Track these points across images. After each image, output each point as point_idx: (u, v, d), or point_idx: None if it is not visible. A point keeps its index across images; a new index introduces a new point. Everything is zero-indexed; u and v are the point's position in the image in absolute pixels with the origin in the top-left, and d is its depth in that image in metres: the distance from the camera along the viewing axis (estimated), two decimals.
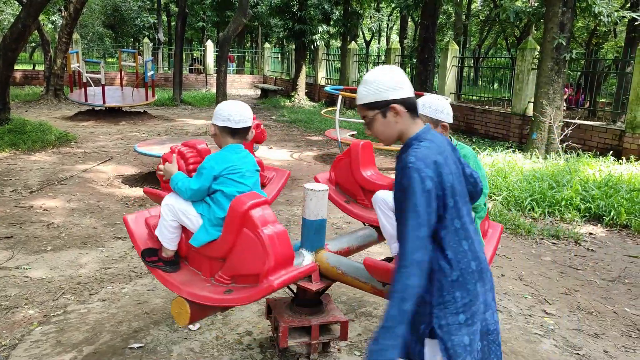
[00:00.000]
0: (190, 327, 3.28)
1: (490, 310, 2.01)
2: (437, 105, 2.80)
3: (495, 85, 27.43)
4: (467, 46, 30.40)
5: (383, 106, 1.91)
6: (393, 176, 3.36)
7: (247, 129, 2.71)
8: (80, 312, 3.57)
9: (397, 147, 9.65)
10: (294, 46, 20.75)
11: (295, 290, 3.06)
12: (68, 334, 3.24)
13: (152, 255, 2.73)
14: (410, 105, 1.93)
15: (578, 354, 3.43)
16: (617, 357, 3.45)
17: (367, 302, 3.82)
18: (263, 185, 4.05)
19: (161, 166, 2.82)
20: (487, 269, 2.02)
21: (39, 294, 3.92)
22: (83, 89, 13.89)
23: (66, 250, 4.89)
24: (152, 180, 7.60)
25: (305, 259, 2.86)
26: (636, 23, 12.31)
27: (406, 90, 1.92)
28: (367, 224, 3.64)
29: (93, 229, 5.53)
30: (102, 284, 4.13)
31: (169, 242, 2.68)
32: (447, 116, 2.83)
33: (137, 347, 3.05)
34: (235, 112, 2.66)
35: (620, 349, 3.58)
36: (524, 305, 4.18)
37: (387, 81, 1.90)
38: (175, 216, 2.65)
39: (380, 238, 3.54)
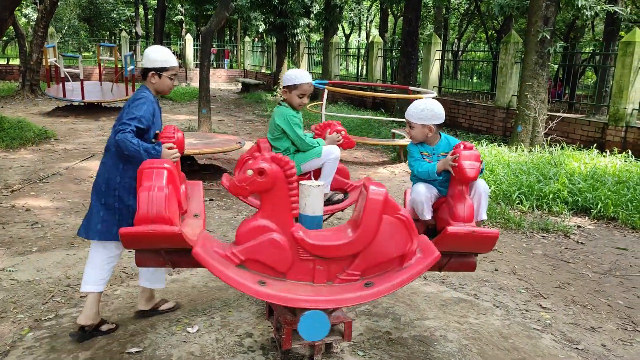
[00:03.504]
0: (189, 329, 3.20)
1: None
2: None
3: (475, 79, 27.68)
4: (447, 40, 30.54)
5: None
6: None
7: None
8: (72, 315, 3.46)
9: (380, 141, 9.62)
10: (274, 40, 20.58)
11: None
12: (62, 339, 3.14)
13: None
14: None
15: (577, 348, 3.44)
16: (615, 351, 3.47)
17: None
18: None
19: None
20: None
21: (27, 298, 3.80)
22: (61, 84, 13.57)
23: (52, 251, 4.75)
24: None
25: None
26: (614, 17, 12.47)
27: None
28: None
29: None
30: None
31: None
32: None
33: (135, 352, 2.97)
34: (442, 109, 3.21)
35: (617, 342, 3.61)
36: (520, 300, 4.19)
37: None
38: None
39: None
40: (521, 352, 3.24)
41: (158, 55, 3.22)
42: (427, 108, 3.16)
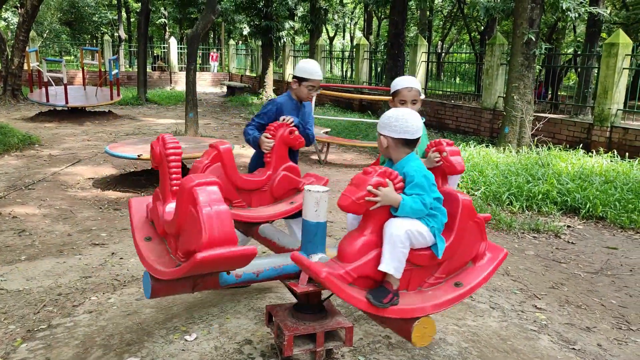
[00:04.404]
0: (187, 337, 3.15)
1: None
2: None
3: (458, 80, 27.84)
4: (431, 42, 30.71)
5: None
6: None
7: (418, 139, 2.65)
8: (66, 325, 3.40)
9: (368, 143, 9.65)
10: (260, 43, 20.53)
11: (297, 296, 2.98)
12: (57, 350, 3.07)
13: (385, 295, 2.44)
14: None
15: (574, 349, 3.46)
16: (611, 350, 3.50)
17: None
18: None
19: (377, 191, 2.40)
20: None
21: (17, 307, 3.72)
22: (44, 89, 13.38)
23: (42, 260, 4.67)
24: (124, 183, 7.36)
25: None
26: (596, 18, 12.64)
27: None
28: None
29: (68, 236, 5.30)
30: (85, 294, 3.95)
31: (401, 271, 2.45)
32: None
33: None
34: (412, 124, 2.58)
35: (612, 342, 3.63)
36: (515, 301, 4.21)
37: None
38: (412, 240, 2.44)
39: None
40: (520, 354, 3.25)
41: (305, 66, 3.79)
42: (387, 115, 2.66)
